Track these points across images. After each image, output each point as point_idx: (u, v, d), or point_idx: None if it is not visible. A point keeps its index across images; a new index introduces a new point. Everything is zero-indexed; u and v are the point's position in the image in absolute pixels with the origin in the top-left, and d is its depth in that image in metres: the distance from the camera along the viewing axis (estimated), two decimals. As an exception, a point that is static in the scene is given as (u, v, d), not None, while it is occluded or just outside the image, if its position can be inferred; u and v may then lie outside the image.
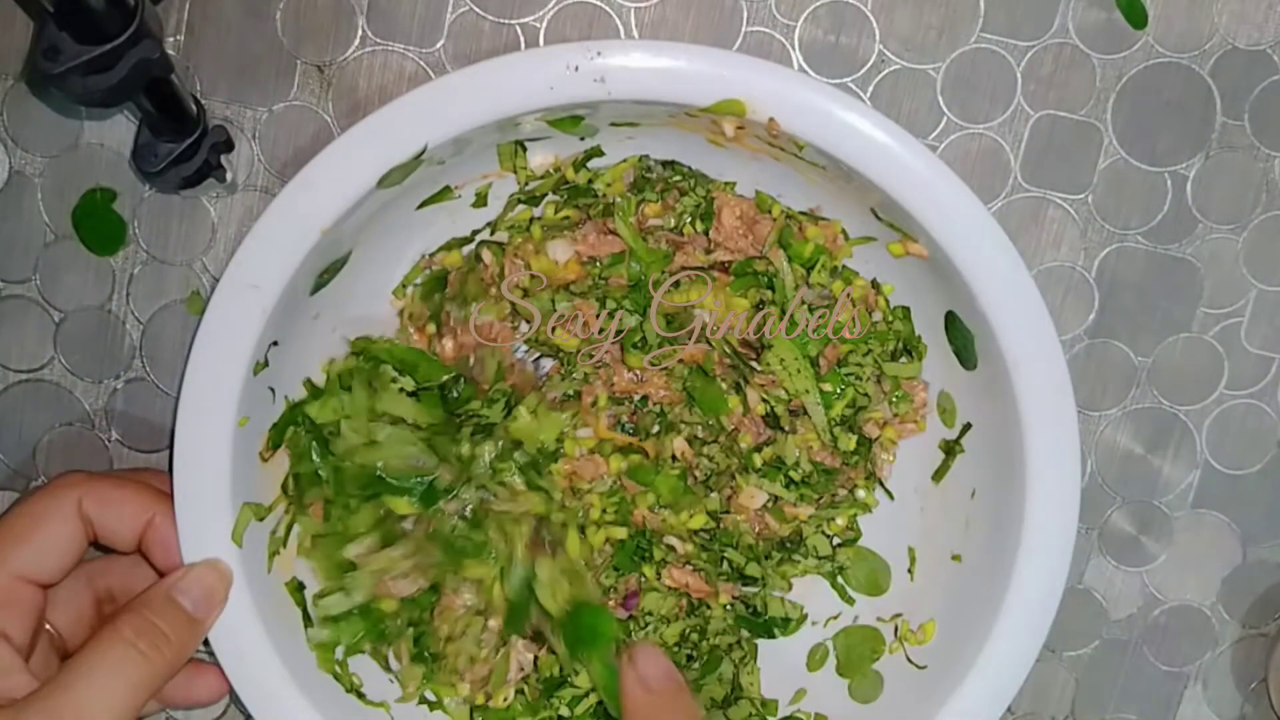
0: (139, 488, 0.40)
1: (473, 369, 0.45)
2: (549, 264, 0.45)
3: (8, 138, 0.45)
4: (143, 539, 0.40)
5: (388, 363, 0.44)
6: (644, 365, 0.44)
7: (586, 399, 0.45)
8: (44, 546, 0.38)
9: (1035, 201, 0.46)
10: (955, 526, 0.45)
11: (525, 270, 0.45)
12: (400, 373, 0.44)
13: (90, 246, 0.45)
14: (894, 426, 0.46)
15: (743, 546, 0.46)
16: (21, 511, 0.38)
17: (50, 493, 0.39)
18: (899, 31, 0.45)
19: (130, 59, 0.34)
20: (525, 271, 0.45)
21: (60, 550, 0.38)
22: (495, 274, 0.45)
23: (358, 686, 0.45)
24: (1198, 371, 0.48)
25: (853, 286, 0.45)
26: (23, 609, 0.37)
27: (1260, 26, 0.45)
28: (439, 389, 0.45)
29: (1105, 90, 0.45)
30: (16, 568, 0.37)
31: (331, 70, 0.44)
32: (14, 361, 0.46)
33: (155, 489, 0.41)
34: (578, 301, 0.44)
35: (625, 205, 0.44)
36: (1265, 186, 0.47)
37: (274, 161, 0.45)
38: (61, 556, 0.38)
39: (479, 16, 0.44)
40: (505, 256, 0.45)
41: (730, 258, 0.44)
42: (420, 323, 0.45)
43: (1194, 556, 0.49)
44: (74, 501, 0.39)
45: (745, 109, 0.39)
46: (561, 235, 0.45)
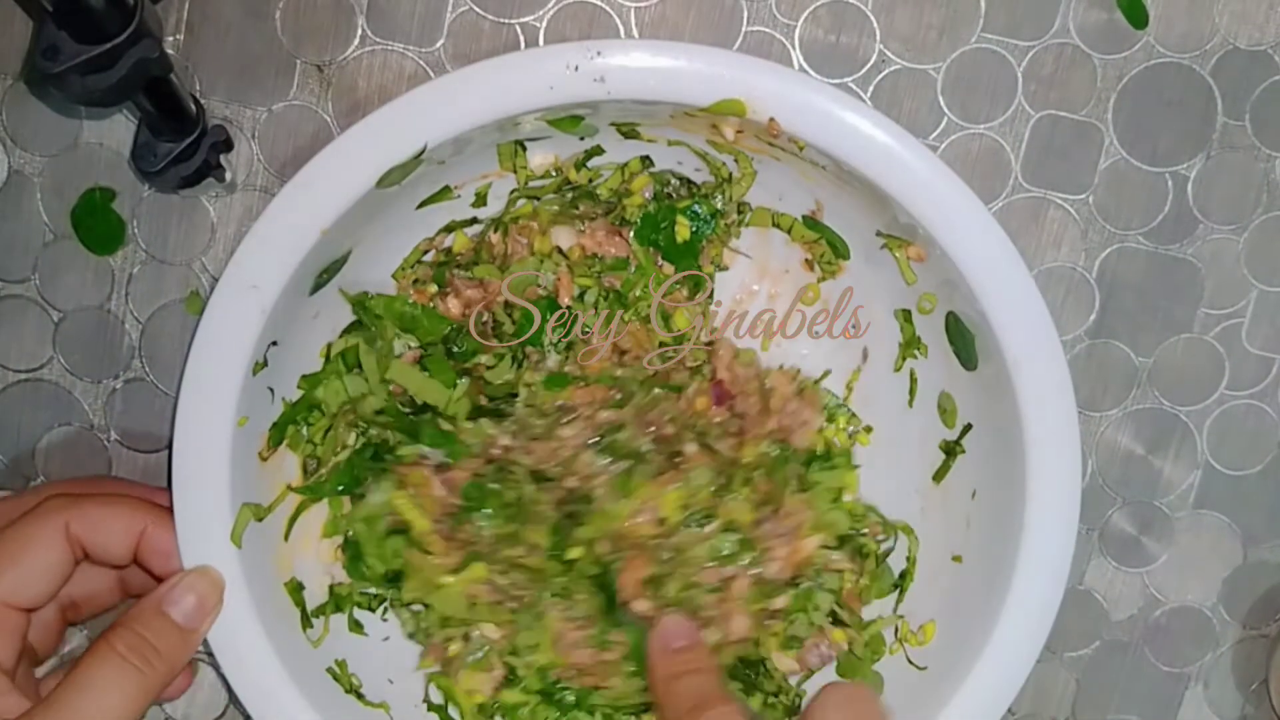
0: (125, 502, 0.40)
1: (485, 325, 0.45)
2: (551, 248, 0.45)
3: (7, 137, 0.45)
4: (138, 551, 0.40)
5: (384, 318, 0.44)
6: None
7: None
8: (30, 573, 0.38)
9: (1036, 202, 0.46)
10: (956, 527, 0.45)
11: (527, 251, 0.45)
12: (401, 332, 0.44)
13: (89, 246, 0.45)
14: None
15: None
16: (7, 537, 0.38)
17: (36, 518, 0.39)
18: (899, 31, 0.45)
19: (129, 58, 0.34)
20: (527, 252, 0.45)
21: (47, 576, 0.38)
22: (502, 253, 0.45)
23: (357, 687, 0.45)
24: (1199, 372, 0.48)
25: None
26: (9, 633, 0.38)
27: (1261, 27, 0.45)
28: (445, 350, 0.45)
29: (1106, 90, 0.45)
30: (3, 594, 0.38)
31: (331, 70, 0.44)
32: (13, 361, 0.46)
33: (142, 500, 0.41)
34: (561, 271, 0.44)
35: (645, 222, 0.45)
36: (1266, 187, 0.47)
37: (273, 161, 0.45)
38: (48, 582, 0.39)
39: (479, 16, 0.44)
40: (509, 236, 0.45)
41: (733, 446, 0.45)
42: (421, 285, 0.45)
43: (1195, 557, 0.49)
44: (60, 526, 0.39)
45: (745, 109, 0.39)
46: (569, 222, 0.45)
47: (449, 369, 0.45)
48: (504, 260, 0.45)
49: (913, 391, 0.46)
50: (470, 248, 0.45)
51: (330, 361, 0.44)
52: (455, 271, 0.45)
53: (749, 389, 0.46)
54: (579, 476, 0.45)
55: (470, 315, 0.45)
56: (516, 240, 0.45)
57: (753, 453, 0.45)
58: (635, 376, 0.46)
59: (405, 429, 0.44)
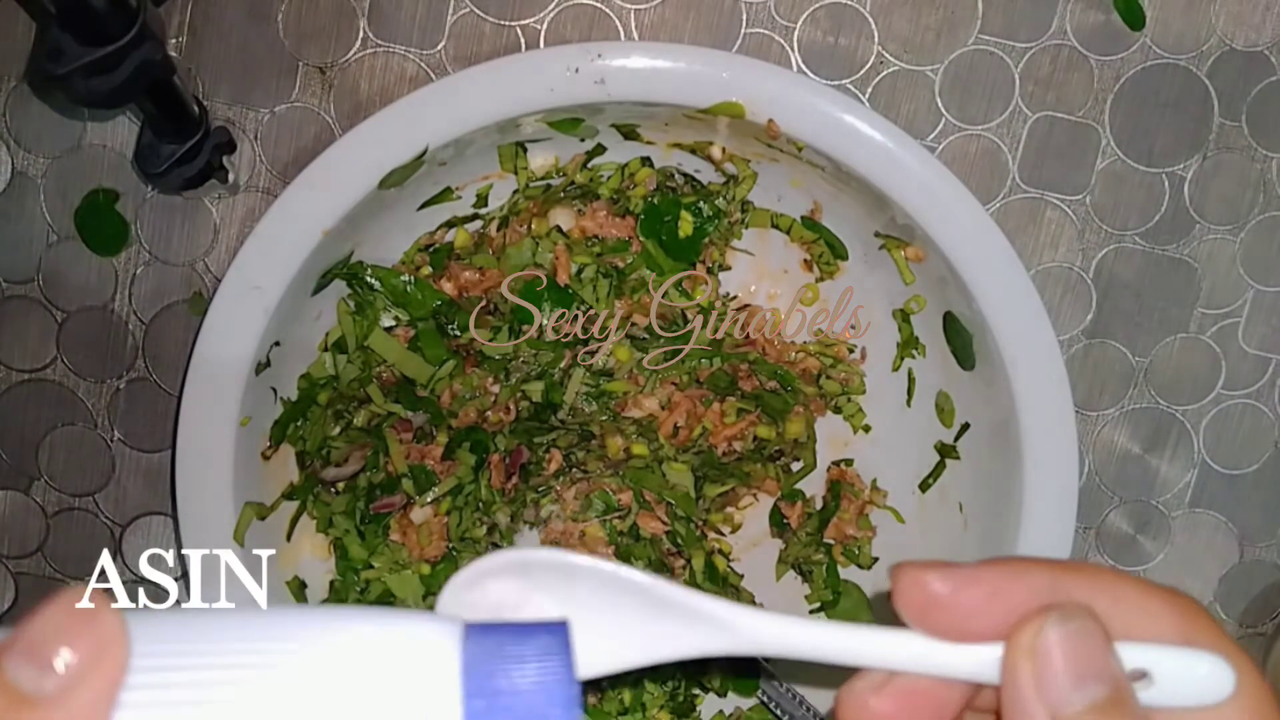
0: None
1: (483, 305, 0.45)
2: (549, 228, 0.45)
3: (11, 139, 0.45)
4: None
5: (380, 290, 0.44)
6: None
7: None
8: None
9: (1033, 202, 0.46)
10: (953, 526, 0.45)
11: (526, 234, 0.45)
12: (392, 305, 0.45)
13: (93, 247, 0.46)
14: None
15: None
16: None
17: None
18: (898, 33, 0.45)
19: (133, 61, 0.34)
20: (526, 235, 0.45)
21: None
22: (500, 246, 0.45)
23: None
24: (1195, 372, 0.48)
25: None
26: None
27: (1257, 28, 0.46)
28: (436, 326, 0.45)
29: (1103, 91, 0.46)
30: None
31: (333, 72, 0.45)
32: (17, 361, 0.47)
33: None
34: (559, 249, 0.45)
35: (650, 215, 0.45)
36: (1262, 187, 0.47)
37: (276, 162, 0.45)
38: None
39: (480, 18, 0.44)
40: (509, 227, 0.45)
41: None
42: (417, 266, 0.46)
43: (1191, 556, 0.50)
44: None
45: (744, 110, 0.39)
46: (569, 205, 0.45)
47: (441, 345, 0.45)
48: (502, 251, 0.45)
49: (910, 391, 0.46)
50: (471, 243, 0.45)
51: (327, 350, 0.44)
52: (453, 260, 0.45)
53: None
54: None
55: (465, 296, 0.45)
56: (515, 230, 0.45)
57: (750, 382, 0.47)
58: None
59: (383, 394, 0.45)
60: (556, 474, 0.47)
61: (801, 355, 0.47)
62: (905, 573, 0.22)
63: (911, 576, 0.22)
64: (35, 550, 0.48)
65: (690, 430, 0.47)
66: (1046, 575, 0.22)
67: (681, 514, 0.47)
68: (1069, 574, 0.22)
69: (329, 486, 0.45)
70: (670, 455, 0.47)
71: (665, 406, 0.47)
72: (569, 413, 0.46)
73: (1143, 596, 0.22)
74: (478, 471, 0.46)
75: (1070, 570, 0.23)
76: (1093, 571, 0.23)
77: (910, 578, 0.22)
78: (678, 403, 0.47)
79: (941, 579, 0.22)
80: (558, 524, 0.47)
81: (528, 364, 0.46)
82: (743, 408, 0.47)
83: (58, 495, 0.47)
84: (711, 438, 0.47)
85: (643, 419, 0.47)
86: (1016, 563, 0.23)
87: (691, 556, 0.47)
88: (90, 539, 0.48)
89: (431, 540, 0.46)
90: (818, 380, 0.47)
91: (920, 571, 0.22)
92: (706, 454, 0.47)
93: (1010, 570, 0.22)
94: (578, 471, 0.47)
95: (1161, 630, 0.22)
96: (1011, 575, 0.22)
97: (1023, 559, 0.23)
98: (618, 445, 0.46)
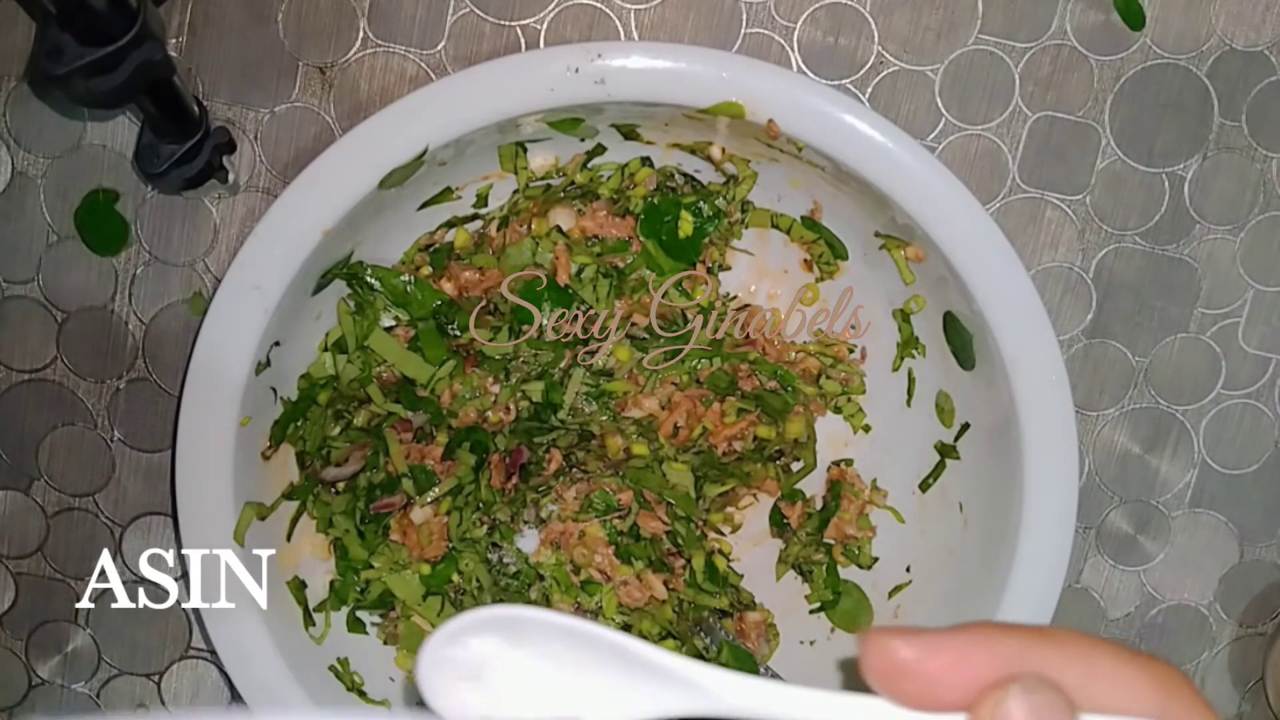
0: None
1: (483, 306, 0.45)
2: (549, 228, 0.45)
3: (10, 139, 0.45)
4: None
5: (381, 290, 0.44)
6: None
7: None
8: None
9: (1033, 202, 0.46)
10: (953, 526, 0.45)
11: (526, 234, 0.45)
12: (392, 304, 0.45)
13: (93, 247, 0.46)
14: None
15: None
16: None
17: None
18: (897, 33, 0.45)
19: (133, 61, 0.34)
20: (526, 235, 0.45)
21: None
22: (500, 246, 0.45)
23: (359, 685, 0.45)
24: (1195, 371, 0.48)
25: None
26: None
27: (1257, 27, 0.46)
28: (436, 326, 0.45)
29: (1103, 91, 0.46)
30: None
31: (333, 72, 0.45)
32: (17, 361, 0.47)
33: None
34: (559, 249, 0.45)
35: (649, 215, 0.45)
36: (1262, 187, 0.47)
37: (276, 163, 0.45)
38: None
39: (480, 18, 0.44)
40: (509, 227, 0.45)
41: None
42: (417, 266, 0.46)
43: (1191, 556, 0.50)
44: None
45: (744, 110, 0.39)
46: (569, 205, 0.45)
47: (441, 345, 0.45)
48: (502, 251, 0.45)
49: (910, 391, 0.46)
50: (471, 242, 0.45)
51: (327, 350, 0.44)
52: (453, 260, 0.45)
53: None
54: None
55: (465, 296, 0.45)
56: (515, 230, 0.45)
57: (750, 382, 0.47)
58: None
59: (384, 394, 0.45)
60: (556, 474, 0.47)
61: (801, 355, 0.47)
62: (871, 639, 0.22)
63: (878, 643, 0.21)
64: (35, 550, 0.48)
65: (690, 430, 0.47)
66: (1017, 643, 0.21)
67: (681, 514, 0.47)
68: (1041, 642, 0.22)
69: (329, 486, 0.45)
70: (670, 455, 0.47)
71: (665, 406, 0.47)
72: (569, 413, 0.46)
73: (1117, 666, 0.21)
74: (478, 471, 0.46)
75: (1043, 638, 0.22)
76: (1066, 639, 0.22)
77: (877, 644, 0.21)
78: (678, 403, 0.47)
79: (907, 645, 0.21)
80: (558, 524, 0.47)
81: (528, 364, 0.46)
82: (743, 408, 0.47)
83: (58, 495, 0.47)
84: (711, 438, 0.47)
85: (643, 419, 0.47)
86: (987, 629, 0.22)
87: (691, 556, 0.47)
88: (90, 539, 0.48)
89: (431, 540, 0.46)
90: (818, 380, 0.47)
91: (887, 637, 0.21)
92: (706, 454, 0.47)
93: (979, 637, 0.22)
94: (578, 471, 0.47)
95: (1135, 703, 0.21)
96: (980, 642, 0.21)
97: (996, 625, 0.22)
98: (618, 445, 0.46)
